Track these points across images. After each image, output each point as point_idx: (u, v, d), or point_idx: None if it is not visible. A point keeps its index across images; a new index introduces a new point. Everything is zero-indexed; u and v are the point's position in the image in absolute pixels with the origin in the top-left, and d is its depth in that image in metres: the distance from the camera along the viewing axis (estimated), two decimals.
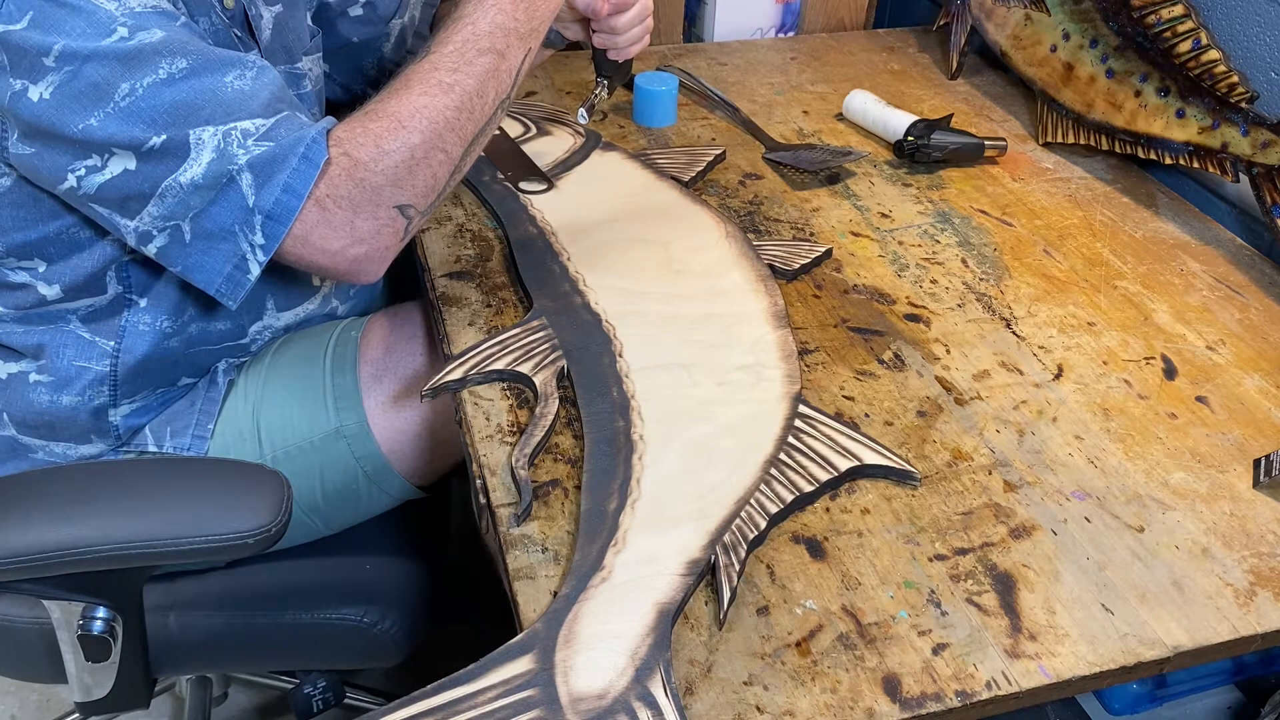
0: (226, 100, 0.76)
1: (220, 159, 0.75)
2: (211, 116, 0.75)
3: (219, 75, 0.76)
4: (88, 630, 0.82)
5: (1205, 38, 1.06)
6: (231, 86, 0.76)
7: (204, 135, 0.75)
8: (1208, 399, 0.87)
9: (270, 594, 0.97)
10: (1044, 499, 0.76)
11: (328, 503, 0.97)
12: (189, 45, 0.75)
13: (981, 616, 0.67)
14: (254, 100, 0.77)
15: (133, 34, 0.73)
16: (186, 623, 0.95)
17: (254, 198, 0.76)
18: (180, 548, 0.75)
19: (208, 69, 0.75)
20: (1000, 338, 0.92)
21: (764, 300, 0.92)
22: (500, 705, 0.59)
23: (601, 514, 0.71)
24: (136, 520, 0.76)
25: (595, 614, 0.64)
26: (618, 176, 1.11)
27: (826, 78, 1.40)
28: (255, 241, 0.77)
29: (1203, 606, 0.69)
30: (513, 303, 0.93)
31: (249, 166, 0.75)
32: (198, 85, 0.75)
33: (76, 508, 0.76)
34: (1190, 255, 1.06)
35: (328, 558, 1.00)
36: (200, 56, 0.76)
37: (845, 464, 0.76)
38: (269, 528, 0.75)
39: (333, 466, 0.95)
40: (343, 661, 1.07)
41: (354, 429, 0.94)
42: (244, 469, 0.82)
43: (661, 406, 0.80)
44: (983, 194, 1.15)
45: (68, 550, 0.74)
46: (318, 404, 0.95)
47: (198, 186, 0.75)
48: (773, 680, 0.62)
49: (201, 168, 0.75)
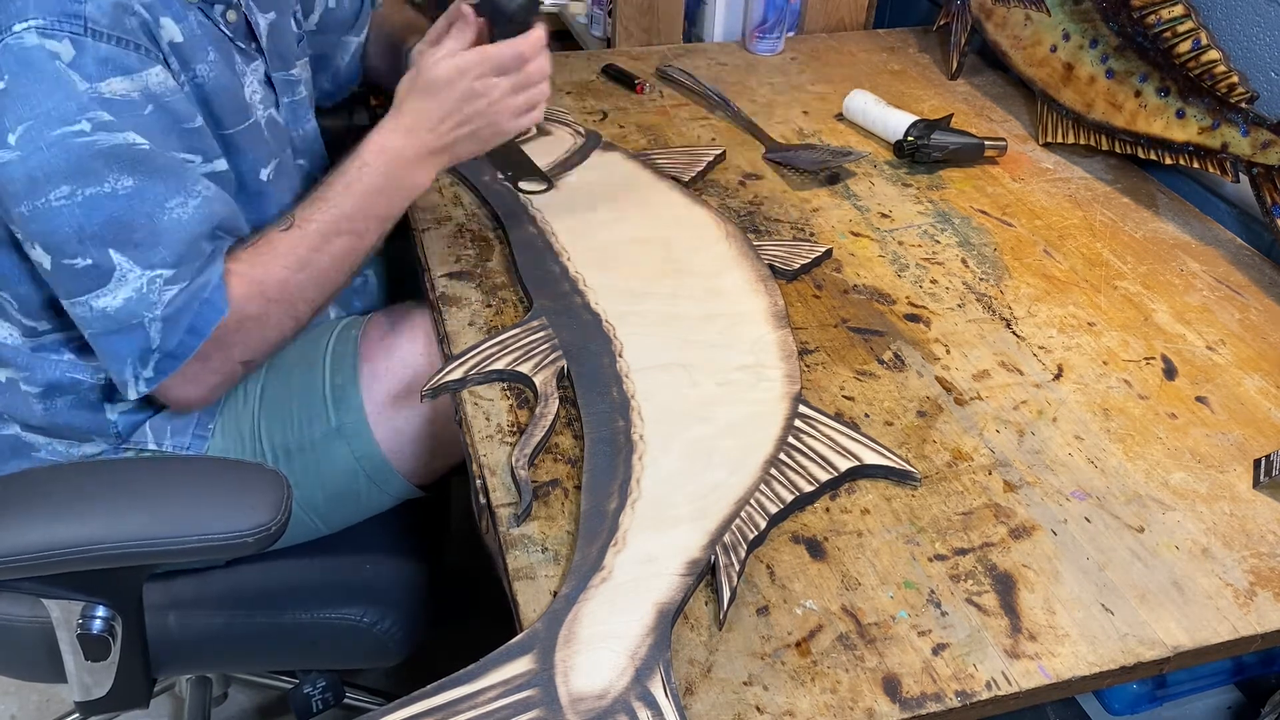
0: (159, 230, 0.77)
1: (138, 302, 0.77)
2: (139, 246, 0.76)
3: (161, 201, 0.77)
4: (87, 629, 0.82)
5: (1205, 38, 1.06)
6: (170, 215, 0.77)
7: (127, 273, 0.76)
8: (1208, 399, 0.87)
9: (270, 593, 0.97)
10: (1044, 499, 0.76)
11: (327, 502, 0.97)
12: (141, 160, 0.75)
13: (981, 616, 0.67)
14: (185, 233, 0.78)
15: (94, 130, 0.73)
16: (186, 622, 0.95)
17: (159, 340, 0.79)
18: (180, 546, 0.75)
19: (151, 193, 0.76)
20: (1000, 338, 0.92)
21: (764, 300, 0.92)
22: (500, 705, 0.59)
23: (601, 514, 0.71)
24: (136, 519, 0.76)
25: (595, 614, 0.64)
26: (618, 176, 1.11)
27: (826, 78, 1.40)
28: (143, 375, 0.81)
29: (1203, 606, 0.69)
30: (513, 303, 0.93)
31: (162, 318, 0.78)
32: (136, 208, 0.76)
33: (77, 507, 0.76)
34: (1190, 255, 1.06)
35: (327, 557, 1.00)
36: (149, 177, 0.76)
37: (845, 464, 0.76)
38: (268, 526, 0.75)
39: (332, 466, 0.95)
40: (342, 661, 1.07)
41: (353, 428, 0.94)
42: (243, 468, 0.82)
43: (661, 406, 0.80)
44: (983, 194, 1.15)
45: (68, 549, 0.74)
46: (317, 403, 0.95)
47: (108, 316, 0.77)
48: (773, 680, 0.62)
49: (117, 301, 0.77)
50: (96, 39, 0.74)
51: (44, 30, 0.72)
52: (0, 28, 0.71)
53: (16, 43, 0.71)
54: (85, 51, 0.73)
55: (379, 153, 0.86)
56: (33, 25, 0.71)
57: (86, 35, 0.73)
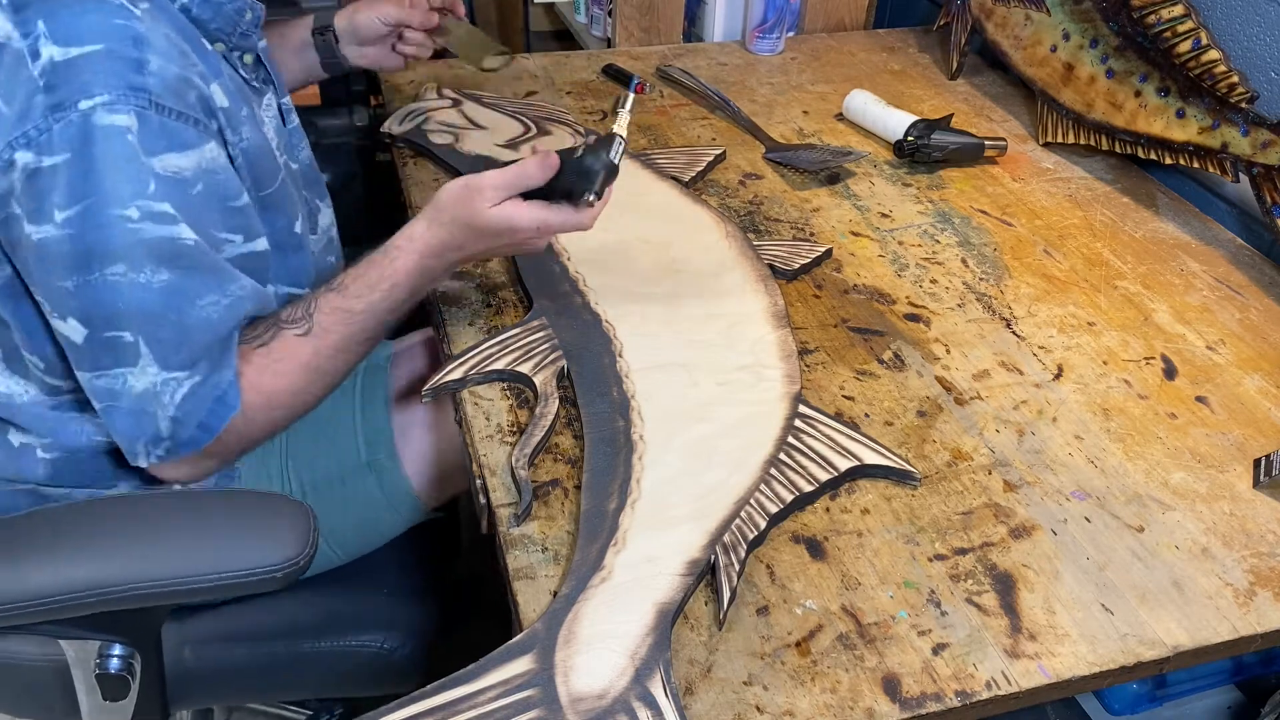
0: (188, 326, 0.76)
1: (151, 398, 0.76)
2: (162, 344, 0.75)
3: (196, 294, 0.76)
4: (105, 669, 0.80)
5: (1205, 38, 1.06)
6: (200, 313, 0.76)
7: (147, 366, 0.76)
8: (1208, 399, 0.87)
9: (289, 624, 0.95)
10: (1044, 499, 0.76)
11: (350, 533, 0.96)
12: (183, 254, 0.75)
13: (981, 616, 0.67)
14: (211, 333, 0.77)
15: (141, 219, 0.72)
16: (203, 655, 0.93)
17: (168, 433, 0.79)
18: (207, 584, 0.73)
19: (187, 284, 0.75)
20: (1000, 338, 0.92)
21: (764, 300, 0.92)
22: (500, 705, 0.59)
23: (601, 514, 0.71)
24: (162, 557, 0.74)
25: (595, 614, 0.64)
26: (618, 176, 1.11)
27: (826, 78, 1.40)
28: (154, 452, 0.80)
29: (1203, 606, 0.69)
30: (513, 303, 0.93)
31: (171, 418, 0.78)
32: (167, 301, 0.75)
33: (99, 546, 0.74)
34: (1190, 255, 1.06)
35: (344, 585, 0.98)
36: (186, 273, 0.75)
37: (845, 464, 0.76)
38: (296, 560, 0.73)
39: (358, 499, 0.95)
40: (362, 689, 1.03)
41: (385, 463, 0.94)
42: (267, 500, 0.80)
43: (661, 406, 0.80)
44: (983, 194, 1.15)
45: (92, 591, 0.72)
46: (348, 439, 0.95)
47: (134, 395, 0.77)
48: (773, 680, 0.62)
49: (140, 386, 0.76)
50: (160, 113, 0.73)
51: (110, 106, 0.70)
52: (65, 104, 0.69)
53: (82, 120, 0.70)
54: (147, 125, 0.72)
55: (409, 274, 0.83)
56: (98, 102, 0.70)
57: (150, 109, 0.72)
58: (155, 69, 0.72)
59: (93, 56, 0.70)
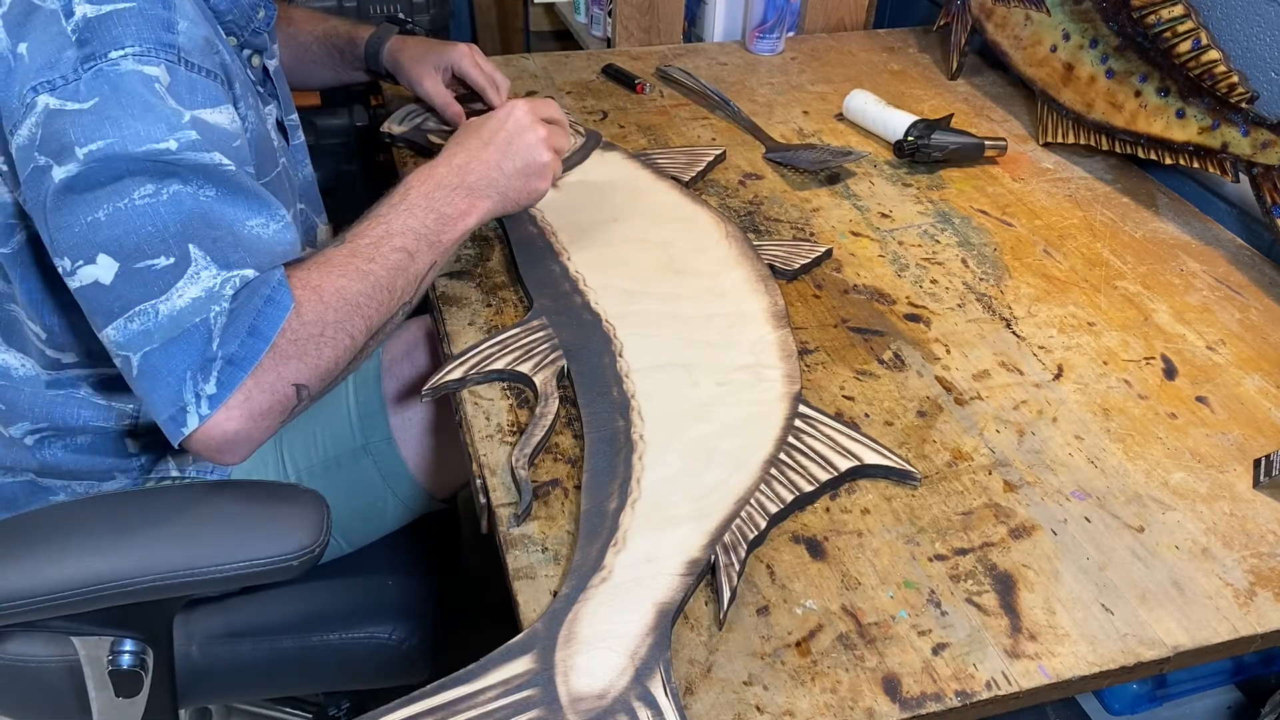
0: (240, 238, 0.73)
1: (206, 299, 0.71)
2: (219, 243, 0.72)
3: (243, 213, 0.74)
4: (117, 665, 0.80)
5: (1205, 38, 1.06)
6: (249, 229, 0.74)
7: (202, 270, 0.71)
8: (1208, 399, 0.87)
9: (296, 617, 0.95)
10: (1044, 499, 0.76)
11: (352, 520, 0.96)
12: (226, 178, 0.73)
13: (981, 616, 0.67)
14: (265, 249, 0.75)
15: (180, 149, 0.71)
16: (211, 653, 0.93)
17: (219, 340, 0.72)
18: (224, 574, 0.73)
19: (234, 205, 0.74)
20: (1000, 338, 0.92)
21: (764, 300, 0.92)
22: (500, 705, 0.59)
23: (601, 514, 0.71)
24: (176, 548, 0.73)
25: (595, 614, 0.64)
26: (618, 176, 1.11)
27: (826, 78, 1.40)
28: (205, 392, 0.72)
29: (1203, 606, 0.69)
30: (513, 303, 0.93)
31: (228, 310, 0.72)
32: (218, 211, 0.73)
33: (113, 539, 0.73)
34: (1190, 255, 1.06)
35: (350, 576, 0.98)
36: (232, 193, 0.74)
37: (845, 464, 0.76)
38: (311, 549, 0.73)
39: (357, 484, 0.95)
40: (371, 680, 1.04)
41: (380, 446, 0.94)
42: (279, 490, 0.79)
43: (661, 406, 0.80)
44: (983, 194, 1.15)
45: (106, 584, 0.71)
46: (342, 421, 0.95)
47: (172, 320, 0.71)
48: (773, 680, 0.62)
49: (184, 301, 0.71)
50: (189, 69, 0.73)
51: (140, 56, 0.71)
52: (96, 55, 0.70)
53: (112, 69, 0.70)
54: (177, 78, 0.72)
55: (420, 179, 0.84)
56: (129, 52, 0.70)
57: (180, 64, 0.72)
58: (184, 29, 0.73)
59: (125, 13, 0.71)
